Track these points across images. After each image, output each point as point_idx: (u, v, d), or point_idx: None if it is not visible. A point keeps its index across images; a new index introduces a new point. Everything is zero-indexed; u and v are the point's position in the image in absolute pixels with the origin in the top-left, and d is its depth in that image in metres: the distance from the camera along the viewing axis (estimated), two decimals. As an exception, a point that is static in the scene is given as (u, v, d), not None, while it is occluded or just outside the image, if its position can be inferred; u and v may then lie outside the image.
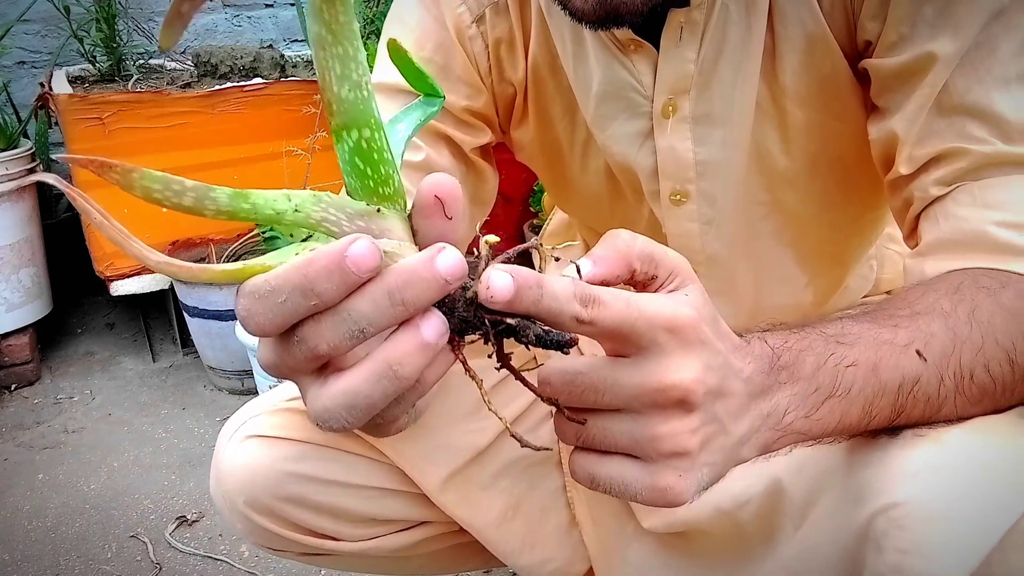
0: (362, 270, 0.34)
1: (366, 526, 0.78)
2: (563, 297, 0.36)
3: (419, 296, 0.34)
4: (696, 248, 0.76)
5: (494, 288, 0.35)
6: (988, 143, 0.57)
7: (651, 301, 0.38)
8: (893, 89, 0.62)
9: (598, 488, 0.41)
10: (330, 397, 0.36)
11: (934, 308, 0.51)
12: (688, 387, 0.38)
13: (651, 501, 0.40)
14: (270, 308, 0.34)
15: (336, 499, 0.75)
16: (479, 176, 0.80)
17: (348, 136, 0.36)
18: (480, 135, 0.78)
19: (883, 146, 0.64)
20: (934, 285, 0.54)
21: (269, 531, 0.75)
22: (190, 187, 0.34)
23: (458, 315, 0.37)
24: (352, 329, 0.35)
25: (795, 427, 0.45)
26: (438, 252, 0.35)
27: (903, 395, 0.47)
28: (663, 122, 0.71)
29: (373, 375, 0.35)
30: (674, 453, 0.39)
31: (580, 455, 0.42)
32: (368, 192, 0.37)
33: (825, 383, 0.45)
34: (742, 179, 0.72)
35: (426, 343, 0.35)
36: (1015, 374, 0.50)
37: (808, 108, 0.68)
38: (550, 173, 0.84)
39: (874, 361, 0.47)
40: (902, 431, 0.49)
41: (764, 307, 0.79)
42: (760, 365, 0.44)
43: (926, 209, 0.61)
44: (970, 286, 0.52)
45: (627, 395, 0.39)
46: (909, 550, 0.45)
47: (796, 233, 0.76)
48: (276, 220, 0.36)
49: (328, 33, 0.33)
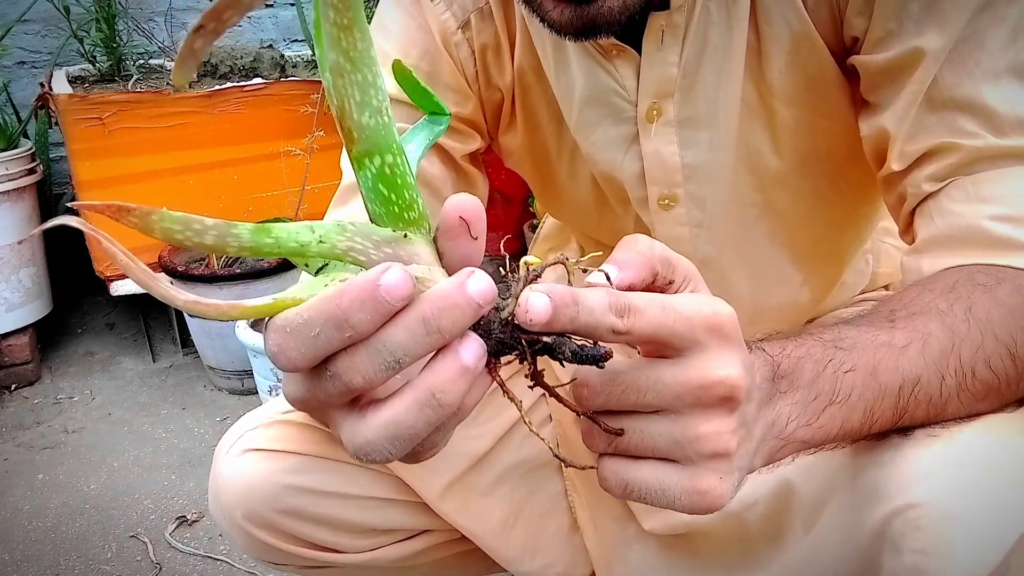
0: (396, 299, 0.33)
1: (367, 537, 0.78)
2: (599, 310, 0.36)
3: (455, 322, 0.34)
4: (687, 252, 0.75)
5: (533, 311, 0.35)
6: (979, 137, 0.57)
7: (687, 301, 0.38)
8: (882, 85, 0.62)
9: (632, 496, 0.40)
10: (372, 430, 0.36)
11: (930, 308, 0.50)
12: (734, 383, 0.38)
13: (689, 506, 0.39)
14: (303, 342, 0.34)
15: (335, 510, 0.74)
16: (469, 183, 0.80)
17: (371, 163, 0.35)
18: (469, 142, 0.77)
19: (875, 142, 0.63)
20: (929, 284, 0.53)
21: (269, 545, 0.75)
22: (211, 225, 0.33)
23: (495, 337, 0.36)
24: (388, 360, 0.34)
25: (797, 436, 0.44)
26: (468, 276, 0.35)
27: (904, 397, 0.47)
28: (648, 126, 0.71)
29: (416, 404, 0.35)
30: (715, 454, 0.38)
31: (611, 461, 0.41)
32: (393, 218, 0.37)
33: (825, 390, 0.45)
34: (732, 181, 0.72)
35: (466, 368, 0.35)
36: (1018, 368, 0.50)
37: (796, 107, 0.67)
38: (538, 179, 0.84)
39: (872, 364, 0.47)
40: (913, 431, 0.49)
41: (762, 308, 0.79)
42: (765, 373, 0.43)
43: (920, 205, 0.61)
44: (966, 283, 0.52)
45: (671, 393, 0.38)
46: (927, 551, 0.45)
47: (789, 232, 0.76)
48: (301, 253, 0.35)
49: (347, 61, 0.33)
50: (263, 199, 2.00)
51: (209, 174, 1.94)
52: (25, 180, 1.88)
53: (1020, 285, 0.52)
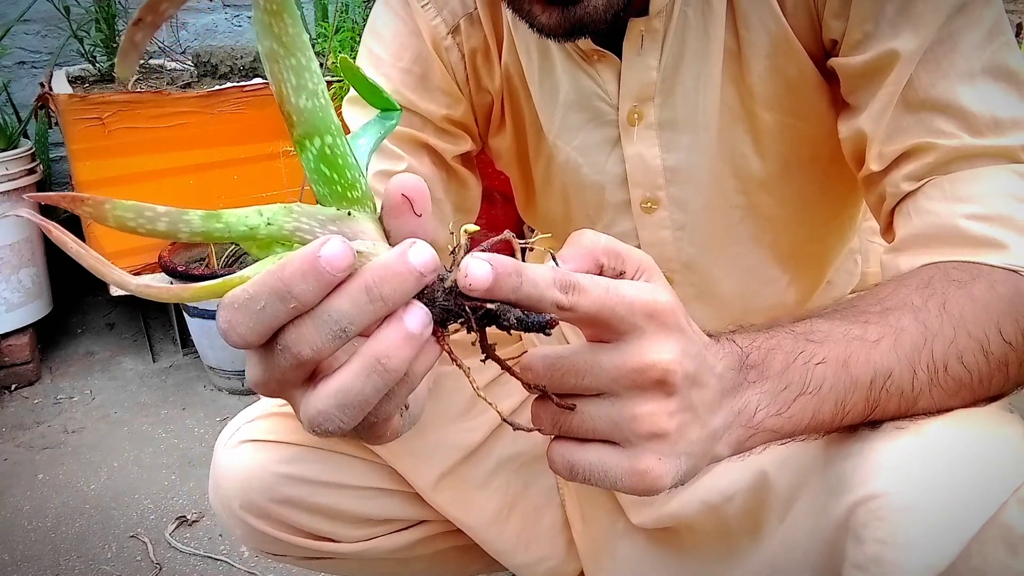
0: (337, 269, 0.34)
1: (363, 527, 0.78)
2: (543, 284, 0.37)
3: (396, 290, 0.35)
4: (671, 255, 0.76)
5: (472, 276, 0.36)
6: (955, 136, 0.58)
7: (630, 287, 0.39)
8: (860, 87, 0.62)
9: (577, 477, 0.41)
10: (321, 399, 0.36)
11: (905, 303, 0.51)
12: (667, 367, 0.39)
13: (631, 486, 0.40)
14: (250, 317, 0.35)
15: (331, 500, 0.75)
16: (461, 184, 0.81)
17: (311, 145, 0.36)
18: (461, 143, 0.78)
19: (853, 144, 0.64)
20: (905, 280, 0.54)
21: (267, 535, 0.75)
22: (162, 212, 0.34)
23: (439, 305, 0.37)
24: (334, 329, 0.35)
25: (766, 425, 0.45)
26: (409, 247, 0.35)
27: (876, 389, 0.48)
28: (629, 130, 0.72)
29: (363, 371, 0.35)
30: (652, 434, 0.39)
31: (558, 444, 0.42)
32: (337, 197, 0.37)
33: (795, 380, 0.46)
34: (714, 183, 0.72)
35: (411, 334, 0.35)
36: (990, 364, 0.50)
37: (777, 111, 0.68)
38: (521, 182, 0.85)
39: (844, 357, 0.47)
40: (882, 423, 0.49)
41: (749, 309, 0.80)
42: (730, 362, 0.44)
43: (899, 204, 0.62)
44: (941, 279, 0.53)
45: (608, 376, 0.39)
46: (888, 541, 0.46)
47: (774, 234, 0.76)
48: (251, 236, 0.36)
49: (279, 46, 0.34)
50: (263, 199, 1.99)
51: (209, 174, 1.94)
52: (25, 180, 1.88)
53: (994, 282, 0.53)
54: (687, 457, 0.41)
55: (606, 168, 0.74)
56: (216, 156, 1.93)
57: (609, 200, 0.76)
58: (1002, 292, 0.52)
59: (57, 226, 0.34)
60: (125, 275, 0.35)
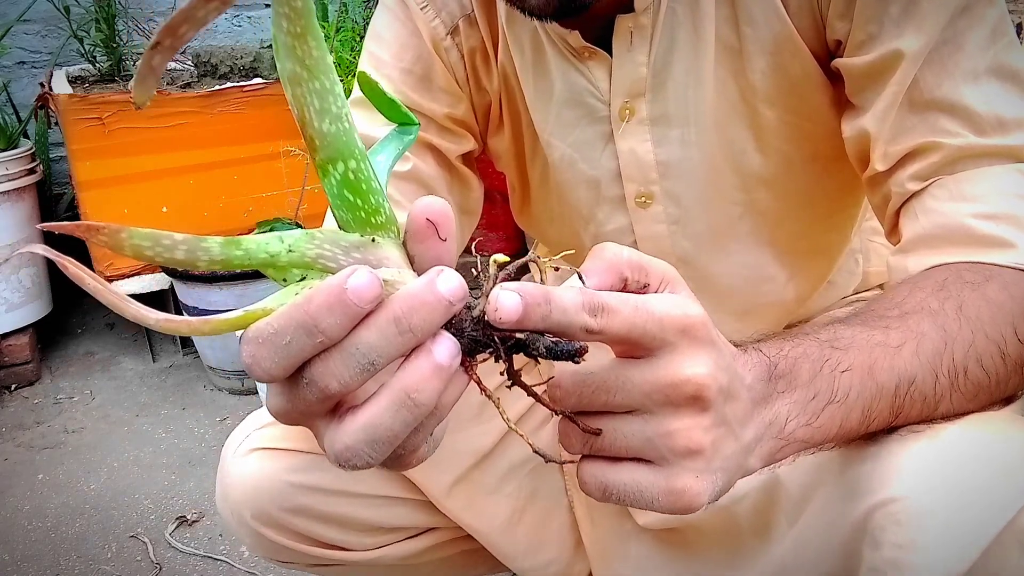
0: (364, 300, 0.33)
1: (374, 535, 0.78)
2: (572, 309, 0.36)
3: (425, 320, 0.34)
4: (667, 249, 0.76)
5: (503, 309, 0.35)
6: (960, 136, 0.58)
7: (660, 302, 0.38)
8: (865, 88, 0.62)
9: (610, 499, 0.40)
10: (350, 434, 0.35)
11: (922, 307, 0.51)
12: (701, 382, 0.38)
13: (668, 506, 0.39)
14: (275, 351, 0.34)
15: (343, 508, 0.74)
16: (464, 184, 0.81)
17: (334, 170, 0.35)
18: (463, 142, 0.79)
19: (857, 144, 0.64)
20: (919, 283, 0.54)
21: (277, 543, 0.75)
22: (180, 240, 0.33)
23: (467, 336, 0.36)
24: (362, 362, 0.34)
25: (797, 435, 0.44)
26: (438, 275, 0.35)
27: (900, 396, 0.48)
28: (621, 125, 0.72)
29: (392, 405, 0.35)
30: (688, 450, 0.38)
31: (590, 464, 0.41)
32: (360, 223, 0.37)
33: (823, 389, 0.45)
34: (710, 178, 0.72)
35: (440, 366, 0.35)
36: (1007, 366, 0.50)
37: (779, 108, 0.68)
38: (519, 184, 0.86)
39: (869, 364, 0.47)
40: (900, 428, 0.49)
41: (747, 306, 0.80)
42: (759, 373, 0.43)
43: (905, 205, 0.61)
44: (955, 282, 0.53)
45: (640, 393, 0.38)
46: (906, 545, 0.45)
47: (772, 231, 0.76)
48: (271, 263, 0.35)
49: (303, 69, 0.33)
50: (263, 199, 2.00)
51: (209, 174, 1.94)
52: (25, 180, 1.88)
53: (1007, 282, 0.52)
54: (723, 472, 0.40)
55: (600, 164, 0.75)
56: (216, 156, 1.93)
57: (604, 195, 0.76)
58: (1015, 292, 0.52)
59: (73, 261, 0.33)
60: (143, 309, 0.34)
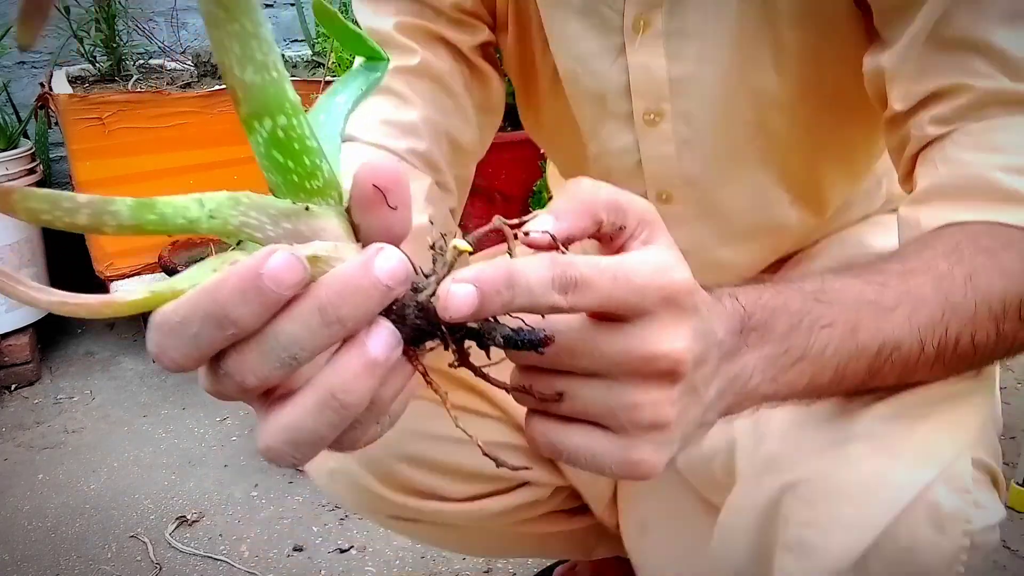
0: (283, 287, 0.29)
1: (474, 482, 0.78)
2: (539, 290, 0.32)
3: (357, 309, 0.30)
4: (673, 170, 0.73)
5: (453, 307, 0.31)
6: (992, 78, 0.53)
7: (642, 268, 0.34)
8: (892, 21, 0.58)
9: (561, 458, 0.37)
10: (271, 435, 0.31)
11: (929, 267, 0.48)
12: (678, 357, 0.35)
13: (621, 474, 0.36)
14: (182, 343, 0.29)
15: (450, 456, 0.74)
16: (483, 80, 0.77)
17: (260, 126, 0.31)
18: (477, 33, 0.74)
19: (879, 80, 0.60)
20: (931, 242, 0.51)
21: (373, 492, 0.73)
22: (84, 203, 0.29)
23: (411, 323, 0.32)
24: (282, 357, 0.30)
25: (760, 391, 0.42)
26: (376, 254, 0.30)
27: (881, 358, 0.45)
28: (635, 38, 0.68)
29: (315, 407, 0.30)
30: (653, 425, 0.35)
31: (540, 422, 0.37)
32: (292, 188, 0.32)
33: (796, 345, 0.42)
34: (724, 98, 0.69)
35: (374, 361, 0.31)
36: (999, 342, 0.48)
37: (801, 30, 0.64)
38: (523, 91, 0.82)
39: (854, 323, 0.44)
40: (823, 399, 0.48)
41: (755, 229, 0.77)
42: (731, 325, 0.40)
43: (923, 151, 0.57)
44: (969, 246, 0.49)
45: (609, 361, 0.35)
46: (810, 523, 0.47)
47: (784, 157, 0.73)
48: (191, 230, 0.31)
49: (219, 8, 0.29)
50: (263, 199, 2.00)
51: (209, 174, 1.94)
52: (25, 180, 1.88)
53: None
54: (682, 439, 0.38)
55: (609, 77, 0.71)
56: (216, 156, 1.93)
57: (611, 111, 0.73)
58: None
59: None
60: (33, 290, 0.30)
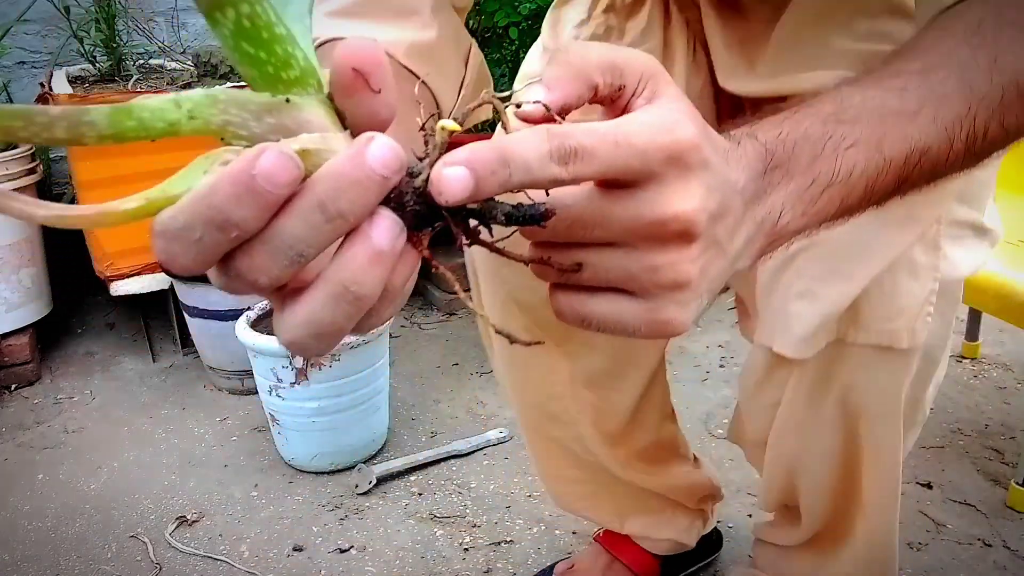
0: (278, 186, 0.29)
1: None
2: (536, 164, 0.31)
3: (356, 202, 0.30)
4: None
5: (447, 191, 0.30)
6: None
7: (643, 130, 0.33)
8: None
9: (589, 327, 0.37)
10: (292, 329, 0.32)
11: (949, 59, 0.45)
12: (691, 217, 0.34)
13: (649, 334, 0.36)
14: (188, 247, 0.29)
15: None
16: None
17: (224, 17, 0.29)
18: None
19: None
20: (950, 26, 0.47)
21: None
22: (58, 115, 0.28)
23: (410, 209, 0.31)
24: (289, 255, 0.30)
25: (791, 227, 0.41)
26: (367, 145, 0.30)
27: (910, 166, 0.43)
28: None
29: (331, 299, 0.31)
30: (675, 284, 0.35)
31: (564, 295, 0.37)
32: (269, 80, 0.31)
33: (823, 172, 0.41)
34: None
35: (379, 251, 0.31)
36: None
37: None
38: None
39: (878, 136, 0.42)
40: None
41: None
42: (753, 169, 0.39)
43: None
44: (993, 23, 0.45)
45: (621, 229, 0.34)
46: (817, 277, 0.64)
47: None
48: (171, 133, 0.30)
49: None
50: (263, 199, 2.00)
51: (209, 174, 1.94)
52: (25, 180, 1.88)
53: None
54: (709, 292, 0.37)
55: None
56: (216, 156, 1.93)
57: None
58: None
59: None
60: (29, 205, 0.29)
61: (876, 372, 0.68)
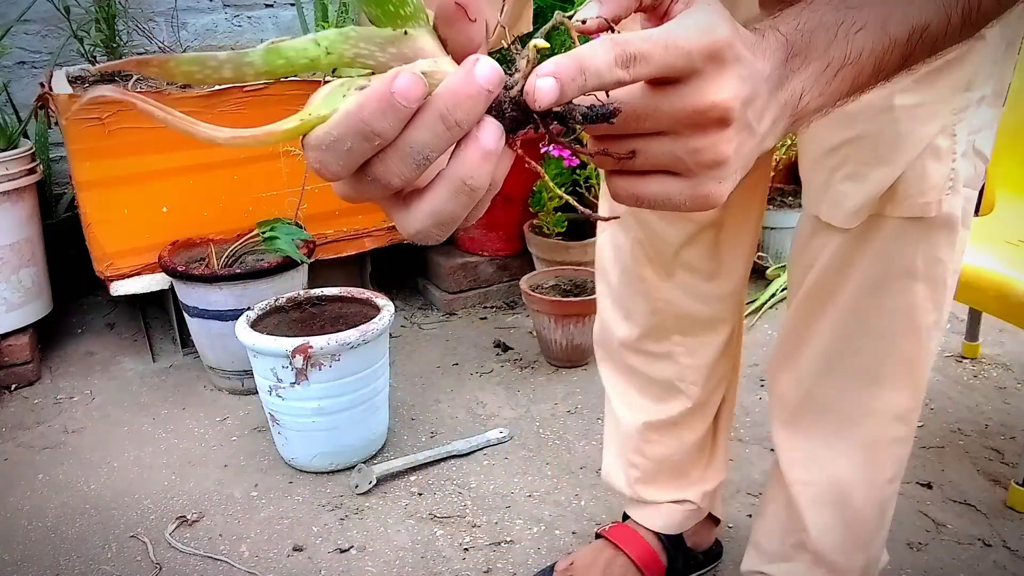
0: (411, 100, 0.36)
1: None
2: (605, 70, 0.38)
3: (469, 112, 0.37)
4: None
5: (541, 97, 0.37)
6: None
7: (686, 33, 0.39)
8: None
9: (640, 205, 0.44)
10: (419, 220, 0.39)
11: None
12: (727, 104, 0.40)
13: (693, 208, 0.43)
14: (338, 156, 0.37)
15: None
16: None
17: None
18: None
19: None
20: None
21: None
22: (224, 59, 0.36)
23: (508, 116, 0.39)
24: (417, 159, 0.37)
25: (811, 107, 0.47)
26: (474, 65, 0.36)
27: (912, 43, 0.48)
28: None
29: (452, 193, 0.38)
30: (715, 162, 0.41)
31: (620, 179, 0.44)
32: (391, 17, 0.38)
33: (836, 56, 0.46)
34: None
35: (488, 151, 0.38)
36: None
37: None
38: None
39: (883, 18, 0.47)
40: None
41: None
42: (777, 59, 0.45)
43: None
44: None
45: (669, 119, 0.41)
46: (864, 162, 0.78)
47: None
48: (312, 67, 0.37)
49: None
50: (263, 199, 2.00)
51: (209, 174, 1.94)
52: (25, 180, 1.89)
53: None
54: (742, 169, 0.44)
55: None
56: (216, 156, 1.93)
57: None
58: None
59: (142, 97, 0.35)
60: (212, 130, 0.37)
61: (904, 239, 0.84)
